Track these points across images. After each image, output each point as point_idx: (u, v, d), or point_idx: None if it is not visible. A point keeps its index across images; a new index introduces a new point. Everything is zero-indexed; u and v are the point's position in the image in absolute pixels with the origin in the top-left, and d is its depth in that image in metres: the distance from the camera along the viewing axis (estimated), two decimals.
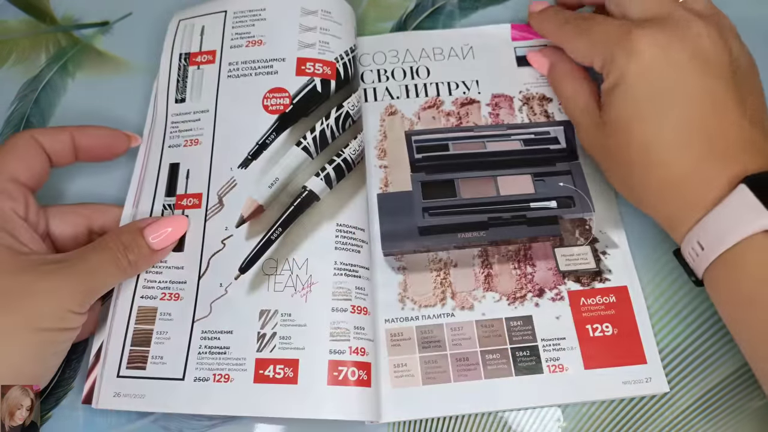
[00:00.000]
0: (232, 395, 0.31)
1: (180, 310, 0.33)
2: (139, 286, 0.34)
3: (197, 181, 0.36)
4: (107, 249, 0.31)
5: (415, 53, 0.41)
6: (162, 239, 0.33)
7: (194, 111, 0.38)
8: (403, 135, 0.39)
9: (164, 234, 0.33)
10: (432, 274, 0.35)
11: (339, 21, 0.39)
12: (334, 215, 0.34)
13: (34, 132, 0.33)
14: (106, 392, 0.32)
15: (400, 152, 0.38)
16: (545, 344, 0.33)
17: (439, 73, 0.41)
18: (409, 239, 0.36)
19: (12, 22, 0.45)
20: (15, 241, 0.30)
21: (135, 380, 0.32)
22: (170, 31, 0.40)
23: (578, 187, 0.37)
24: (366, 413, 0.31)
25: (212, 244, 0.34)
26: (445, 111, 0.39)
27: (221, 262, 0.34)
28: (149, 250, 0.32)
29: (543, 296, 0.34)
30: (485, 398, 0.32)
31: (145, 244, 0.32)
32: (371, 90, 0.40)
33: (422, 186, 0.37)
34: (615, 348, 0.33)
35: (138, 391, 0.31)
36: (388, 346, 0.34)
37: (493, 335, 0.34)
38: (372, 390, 0.32)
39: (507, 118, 0.39)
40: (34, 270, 0.29)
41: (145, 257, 0.32)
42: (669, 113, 0.30)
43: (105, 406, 0.31)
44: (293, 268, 0.33)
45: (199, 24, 0.40)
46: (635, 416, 0.33)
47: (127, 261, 0.31)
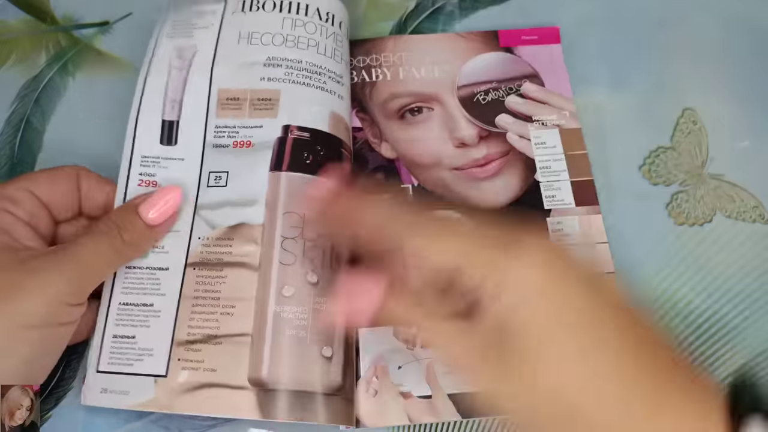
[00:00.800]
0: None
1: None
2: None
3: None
4: (99, 232, 0.30)
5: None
6: (160, 213, 0.32)
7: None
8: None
9: (161, 207, 0.32)
10: None
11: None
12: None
13: (81, 169, 0.33)
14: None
15: None
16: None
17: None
18: None
19: (12, 22, 0.45)
20: (8, 237, 0.29)
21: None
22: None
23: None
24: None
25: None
26: None
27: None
28: (146, 227, 0.31)
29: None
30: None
31: (141, 221, 0.31)
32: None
33: None
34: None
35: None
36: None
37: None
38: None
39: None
40: (23, 266, 0.28)
41: (143, 234, 0.31)
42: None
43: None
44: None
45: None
46: None
47: (122, 241, 0.30)
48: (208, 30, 0.39)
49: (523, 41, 0.42)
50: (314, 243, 0.33)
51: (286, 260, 0.32)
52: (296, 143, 0.35)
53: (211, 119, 0.36)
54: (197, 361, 0.31)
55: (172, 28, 0.39)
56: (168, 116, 0.36)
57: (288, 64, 0.37)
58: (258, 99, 0.36)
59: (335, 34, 0.39)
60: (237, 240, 0.33)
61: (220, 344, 0.31)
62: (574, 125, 0.39)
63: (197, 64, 0.38)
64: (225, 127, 0.36)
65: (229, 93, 0.37)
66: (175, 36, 0.39)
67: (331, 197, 0.29)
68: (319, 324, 0.32)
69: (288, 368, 0.31)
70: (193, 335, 0.32)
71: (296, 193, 0.34)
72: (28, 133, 0.41)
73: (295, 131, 0.35)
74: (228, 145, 0.36)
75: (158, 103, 0.36)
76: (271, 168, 0.34)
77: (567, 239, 0.35)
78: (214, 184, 0.35)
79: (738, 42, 0.41)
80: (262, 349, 0.31)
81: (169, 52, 0.38)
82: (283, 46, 0.38)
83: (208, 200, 0.34)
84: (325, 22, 0.39)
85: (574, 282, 0.24)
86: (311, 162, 0.34)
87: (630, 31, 0.42)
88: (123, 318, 0.32)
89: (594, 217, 0.36)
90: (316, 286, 0.32)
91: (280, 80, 0.37)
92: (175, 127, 0.36)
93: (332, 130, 0.36)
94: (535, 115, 0.39)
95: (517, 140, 0.38)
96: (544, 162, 0.38)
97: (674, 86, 0.40)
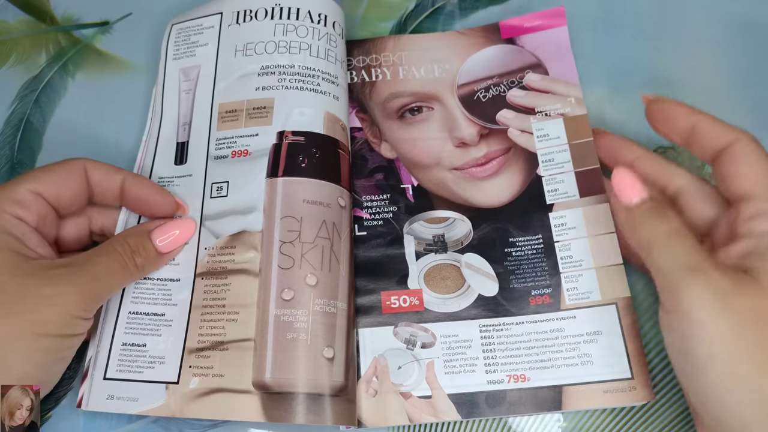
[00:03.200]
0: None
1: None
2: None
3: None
4: (114, 252, 0.31)
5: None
6: (169, 242, 0.33)
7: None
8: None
9: (171, 237, 0.33)
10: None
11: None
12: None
13: (88, 161, 0.33)
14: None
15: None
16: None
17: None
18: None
19: (12, 22, 0.45)
20: (22, 245, 0.30)
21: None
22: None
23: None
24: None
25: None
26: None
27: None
28: (156, 253, 0.32)
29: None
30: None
31: (152, 247, 0.32)
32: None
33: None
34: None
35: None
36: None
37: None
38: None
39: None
40: (41, 275, 0.29)
41: (152, 260, 0.32)
42: None
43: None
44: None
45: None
46: (635, 416, 0.33)
47: (134, 264, 0.31)
48: (209, 47, 0.39)
49: (525, 29, 0.41)
50: (312, 245, 0.33)
51: (284, 264, 0.33)
52: (291, 148, 0.35)
53: (213, 133, 0.37)
54: (207, 368, 0.32)
55: (175, 48, 0.40)
56: (181, 138, 0.38)
57: (281, 70, 0.37)
58: (253, 108, 0.37)
59: (328, 34, 0.39)
60: (239, 247, 0.33)
61: (227, 350, 0.32)
62: (580, 112, 0.37)
63: (200, 82, 0.39)
64: (224, 138, 0.37)
65: (228, 106, 0.37)
66: (179, 57, 0.40)
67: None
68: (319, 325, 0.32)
69: (290, 371, 0.31)
70: (202, 342, 0.32)
71: (292, 197, 0.34)
72: (28, 133, 0.41)
73: (289, 136, 0.35)
74: (227, 156, 0.36)
75: (173, 128, 0.38)
76: (268, 174, 0.35)
77: (570, 233, 0.35)
78: (216, 194, 0.35)
79: (738, 42, 0.41)
80: (265, 352, 0.31)
81: (177, 75, 0.39)
82: (275, 53, 0.38)
83: (211, 211, 0.35)
84: (317, 24, 0.39)
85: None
86: (306, 165, 0.35)
87: (630, 31, 0.42)
88: (133, 327, 0.33)
89: (601, 207, 0.35)
90: (315, 287, 0.32)
91: (274, 88, 0.37)
92: (186, 147, 0.37)
93: (327, 130, 0.36)
94: (538, 107, 0.38)
95: (518, 135, 0.38)
96: (547, 155, 0.37)
97: (674, 86, 0.40)
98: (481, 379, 0.33)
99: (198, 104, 0.38)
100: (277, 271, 0.33)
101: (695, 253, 0.27)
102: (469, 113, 0.39)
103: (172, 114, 0.38)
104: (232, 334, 0.32)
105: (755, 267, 0.26)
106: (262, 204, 0.34)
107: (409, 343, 0.34)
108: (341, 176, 0.36)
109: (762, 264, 0.26)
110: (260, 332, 0.32)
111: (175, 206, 0.35)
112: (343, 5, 0.43)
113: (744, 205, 0.28)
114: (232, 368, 0.31)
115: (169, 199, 0.34)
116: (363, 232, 0.37)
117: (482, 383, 0.33)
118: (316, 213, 0.34)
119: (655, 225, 0.28)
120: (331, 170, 0.35)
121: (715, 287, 0.26)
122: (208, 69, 0.39)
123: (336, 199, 0.35)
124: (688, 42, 0.41)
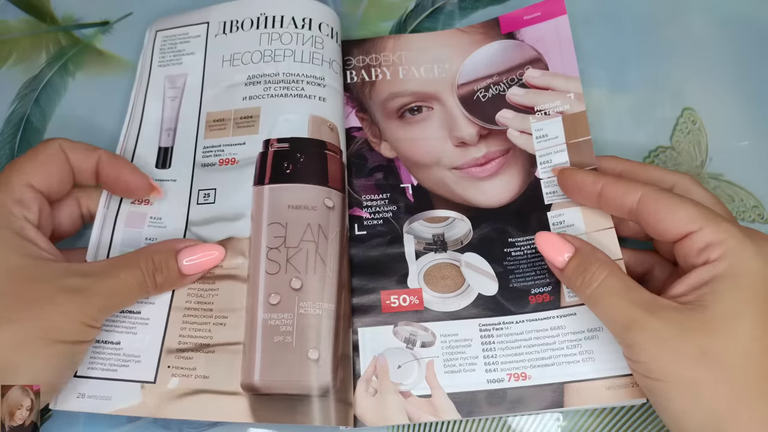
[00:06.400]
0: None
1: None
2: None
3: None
4: (136, 269, 0.31)
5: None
6: (194, 264, 0.33)
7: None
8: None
9: (198, 259, 0.33)
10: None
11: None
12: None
13: (63, 142, 0.32)
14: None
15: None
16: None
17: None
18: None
19: (12, 22, 0.45)
20: (36, 248, 0.30)
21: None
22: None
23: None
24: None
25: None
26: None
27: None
28: (179, 274, 0.32)
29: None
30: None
31: (176, 266, 0.32)
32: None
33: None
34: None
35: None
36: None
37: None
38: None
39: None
40: (57, 282, 0.28)
41: (172, 280, 0.32)
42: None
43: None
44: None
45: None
46: (634, 416, 0.33)
47: (154, 282, 0.31)
48: (195, 56, 0.40)
49: (525, 21, 0.40)
50: (297, 249, 0.33)
51: (271, 269, 0.33)
52: (276, 155, 0.36)
53: (200, 141, 0.37)
54: (189, 369, 0.32)
55: (161, 55, 0.40)
56: (164, 144, 0.38)
57: (266, 79, 0.38)
58: (240, 117, 0.37)
59: (313, 37, 0.39)
60: (227, 253, 0.34)
61: (213, 353, 0.32)
62: (579, 108, 0.37)
63: (187, 90, 0.39)
64: (212, 146, 0.37)
65: (215, 115, 0.38)
66: (165, 64, 0.40)
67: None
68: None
69: (277, 373, 0.31)
70: (184, 344, 0.32)
71: (278, 204, 0.34)
72: (28, 133, 0.41)
73: (275, 144, 0.36)
74: (215, 164, 0.37)
75: (155, 132, 0.38)
76: (255, 183, 0.35)
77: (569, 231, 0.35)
78: (203, 201, 0.36)
79: (738, 42, 0.41)
80: (253, 355, 0.32)
81: (162, 81, 0.39)
82: (261, 62, 0.38)
83: (198, 217, 0.35)
84: (301, 29, 0.39)
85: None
86: (291, 171, 0.35)
87: (630, 31, 0.42)
88: (107, 323, 0.33)
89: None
90: (299, 291, 0.33)
91: (260, 97, 0.37)
92: (169, 153, 0.38)
93: (313, 133, 0.36)
94: (537, 105, 0.38)
95: (517, 136, 0.38)
96: (545, 156, 0.37)
97: (674, 86, 0.40)
98: (480, 378, 0.33)
99: (184, 112, 0.38)
100: (265, 277, 0.33)
101: (628, 309, 0.27)
102: (468, 113, 0.39)
103: (155, 117, 0.39)
104: (219, 337, 0.32)
105: (706, 295, 0.27)
106: (249, 211, 0.35)
107: (409, 342, 0.34)
108: (329, 177, 0.36)
109: (711, 293, 0.27)
110: (249, 336, 0.32)
111: (149, 187, 0.35)
112: (343, 5, 0.43)
113: (688, 241, 0.28)
114: (218, 370, 0.32)
115: (145, 181, 0.34)
116: (363, 232, 0.37)
117: (482, 382, 0.33)
118: (300, 217, 0.34)
119: (585, 286, 0.29)
120: (317, 173, 0.36)
121: (653, 336, 0.26)
122: (196, 78, 0.39)
123: (322, 201, 0.35)
124: (689, 41, 0.42)
